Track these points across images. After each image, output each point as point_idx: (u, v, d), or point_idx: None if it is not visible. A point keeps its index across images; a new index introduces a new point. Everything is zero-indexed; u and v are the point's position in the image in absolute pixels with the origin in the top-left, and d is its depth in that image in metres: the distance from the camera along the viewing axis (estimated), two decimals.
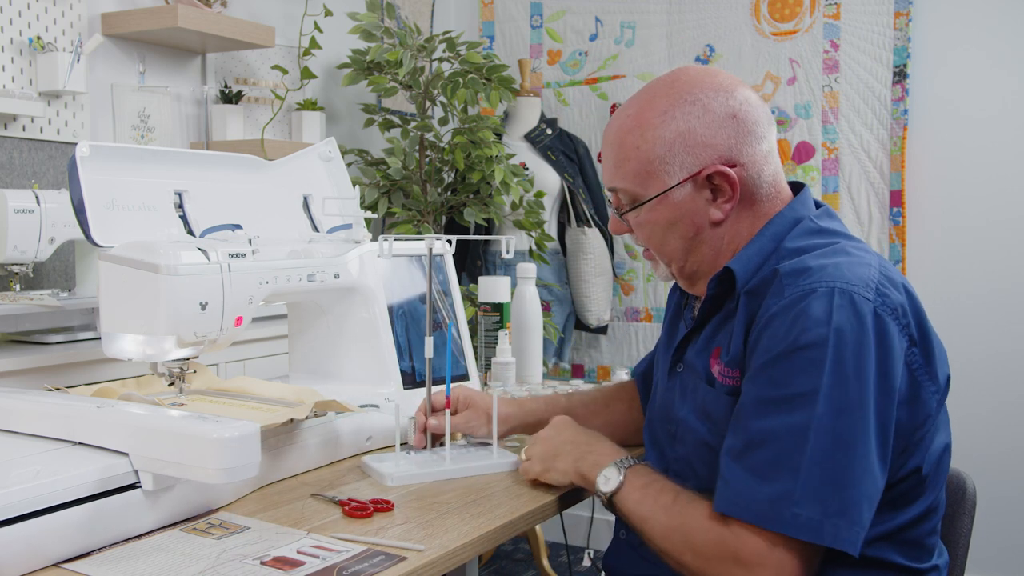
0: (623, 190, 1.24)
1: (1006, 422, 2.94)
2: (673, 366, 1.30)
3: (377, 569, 0.96)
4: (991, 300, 2.95)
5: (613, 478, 1.18)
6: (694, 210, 1.20)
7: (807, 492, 1.02)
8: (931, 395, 1.11)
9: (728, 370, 1.16)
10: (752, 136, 1.20)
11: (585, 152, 3.36)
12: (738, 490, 1.06)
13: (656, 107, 1.20)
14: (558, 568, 3.20)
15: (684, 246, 1.23)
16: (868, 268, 1.11)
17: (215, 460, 0.99)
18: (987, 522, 2.05)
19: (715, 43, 3.31)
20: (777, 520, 1.03)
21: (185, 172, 1.39)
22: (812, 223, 1.21)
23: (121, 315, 1.21)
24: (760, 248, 1.19)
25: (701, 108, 1.19)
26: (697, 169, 1.18)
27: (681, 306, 1.37)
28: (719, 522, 1.07)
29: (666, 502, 1.13)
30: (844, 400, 1.04)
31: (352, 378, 1.55)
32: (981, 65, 2.95)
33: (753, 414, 1.08)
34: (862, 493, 1.03)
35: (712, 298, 1.21)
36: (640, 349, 3.49)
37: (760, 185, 1.21)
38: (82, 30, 2.54)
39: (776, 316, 1.09)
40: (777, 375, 1.07)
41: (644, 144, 1.20)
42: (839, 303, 1.06)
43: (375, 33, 2.91)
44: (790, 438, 1.04)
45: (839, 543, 1.02)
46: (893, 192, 3.05)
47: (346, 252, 1.51)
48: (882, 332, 1.06)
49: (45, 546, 0.96)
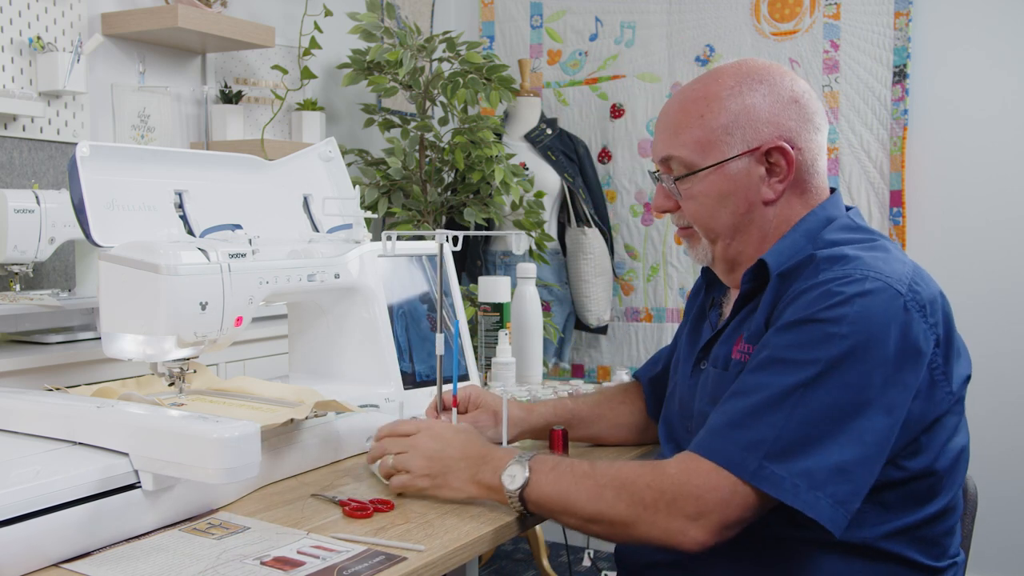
0: (679, 158, 1.23)
1: (1006, 422, 2.94)
2: (697, 363, 1.30)
3: (377, 569, 0.96)
4: (991, 300, 2.95)
5: (519, 473, 1.14)
6: (748, 185, 1.21)
7: (779, 448, 1.03)
8: (944, 395, 1.12)
9: (747, 346, 1.17)
10: (811, 125, 1.22)
11: (585, 152, 3.36)
12: (713, 432, 1.08)
13: (723, 83, 1.22)
14: (558, 568, 3.20)
15: (733, 222, 1.23)
16: (903, 265, 1.14)
17: (215, 460, 0.99)
18: (988, 523, 2.04)
19: (715, 43, 3.31)
20: (741, 465, 1.04)
21: (185, 172, 1.39)
22: (849, 220, 1.23)
23: (121, 315, 1.21)
24: (793, 242, 1.20)
25: (767, 88, 1.21)
26: (757, 144, 1.20)
27: (706, 308, 1.36)
28: (656, 465, 1.09)
29: (585, 470, 1.12)
30: (845, 377, 1.04)
31: (352, 378, 1.54)
32: (981, 65, 2.95)
33: (751, 369, 1.10)
34: (837, 465, 1.03)
35: (745, 294, 1.22)
36: (640, 349, 3.49)
37: (813, 174, 1.23)
38: (82, 30, 2.53)
39: (805, 291, 1.10)
40: (787, 340, 1.08)
41: (709, 113, 1.21)
42: (869, 288, 1.07)
43: (375, 33, 2.91)
44: (780, 395, 1.05)
45: (796, 502, 1.02)
46: (893, 192, 3.05)
47: (346, 252, 1.50)
48: (908, 325, 1.07)
49: (45, 546, 0.96)
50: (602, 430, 1.48)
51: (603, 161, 3.52)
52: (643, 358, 3.48)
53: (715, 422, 1.09)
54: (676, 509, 1.05)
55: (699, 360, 1.29)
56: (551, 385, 1.85)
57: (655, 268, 3.46)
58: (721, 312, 1.33)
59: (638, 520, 1.07)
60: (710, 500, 1.04)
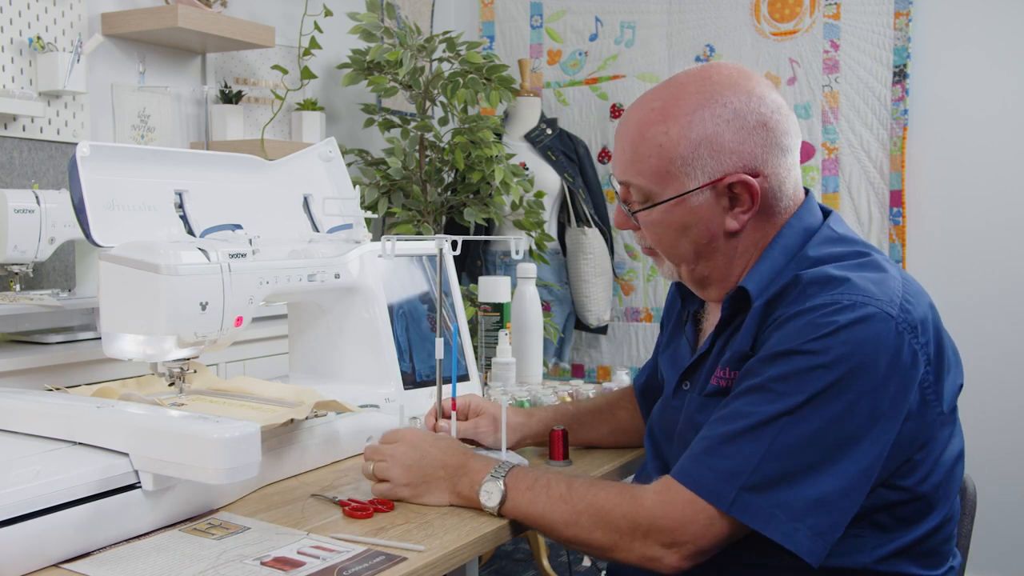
0: (637, 186, 1.17)
1: (1007, 422, 2.94)
2: (679, 385, 1.26)
3: (377, 569, 0.96)
4: (991, 300, 2.95)
5: (495, 491, 1.14)
6: (710, 217, 1.15)
7: (758, 479, 1.02)
8: (935, 415, 1.10)
9: (730, 372, 1.14)
10: (779, 148, 1.15)
11: (585, 152, 3.36)
12: (692, 459, 1.06)
13: (684, 104, 1.14)
14: (558, 568, 3.20)
15: (695, 251, 1.18)
16: (893, 281, 1.09)
17: (215, 460, 0.99)
18: (988, 523, 2.04)
19: (715, 43, 3.31)
20: (718, 495, 1.03)
21: (185, 172, 1.39)
22: (830, 230, 1.18)
23: (121, 315, 1.21)
24: (772, 264, 1.15)
25: (732, 112, 1.13)
26: (719, 175, 1.13)
27: (682, 320, 1.33)
28: (632, 494, 1.08)
29: (561, 492, 1.11)
30: (831, 409, 1.02)
31: (352, 378, 1.54)
32: (981, 65, 2.95)
33: (733, 397, 1.08)
34: (818, 497, 1.02)
35: (725, 320, 1.18)
36: (640, 349, 3.49)
37: (780, 198, 1.17)
38: (82, 30, 2.53)
39: (792, 318, 1.07)
40: (773, 370, 1.05)
41: (667, 142, 1.13)
42: (859, 316, 1.04)
43: (375, 33, 2.91)
44: (761, 424, 1.03)
45: (774, 533, 1.01)
46: (893, 192, 3.05)
47: (346, 252, 1.50)
48: (898, 350, 1.04)
49: (45, 546, 0.96)
50: (603, 435, 1.48)
51: (603, 161, 3.52)
52: (643, 358, 3.48)
53: (695, 448, 1.08)
54: (651, 539, 1.05)
55: (681, 381, 1.26)
56: (551, 385, 1.85)
57: (655, 268, 3.46)
58: (699, 329, 1.30)
59: (614, 547, 1.08)
60: (687, 531, 1.04)
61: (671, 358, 1.32)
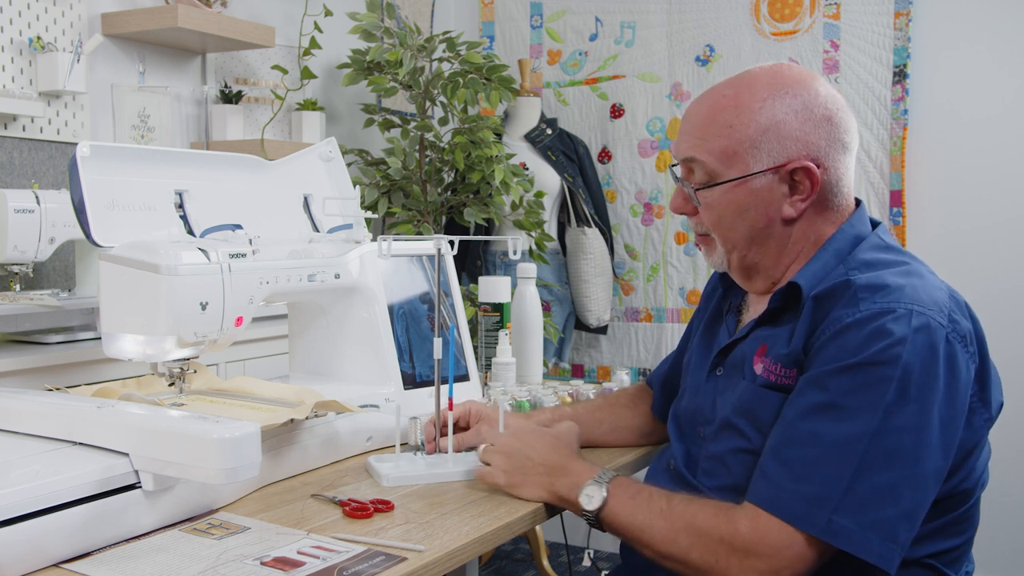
0: (702, 163, 1.21)
1: (1007, 423, 2.92)
2: (712, 369, 1.29)
3: (377, 569, 0.96)
4: (991, 300, 2.94)
5: (596, 495, 1.16)
6: (769, 201, 1.20)
7: (848, 501, 1.03)
8: (983, 422, 1.14)
9: (782, 369, 1.16)
10: (841, 144, 1.20)
11: (585, 152, 3.36)
12: (776, 486, 1.07)
13: (756, 93, 1.20)
14: (558, 568, 3.20)
15: (751, 235, 1.22)
16: (940, 292, 1.12)
17: (215, 460, 0.99)
18: (988, 524, 2.04)
19: (715, 43, 3.31)
20: (810, 521, 1.04)
21: (185, 172, 1.39)
22: (879, 239, 1.22)
23: (121, 315, 1.21)
24: (824, 264, 1.19)
25: (800, 104, 1.19)
26: (784, 161, 1.18)
27: (722, 310, 1.35)
28: (729, 516, 1.08)
29: (661, 507, 1.13)
30: (904, 421, 1.04)
31: (352, 378, 1.54)
32: (981, 65, 2.95)
33: (803, 415, 1.09)
34: (903, 512, 1.04)
35: (773, 311, 1.21)
36: (640, 349, 3.49)
37: (836, 193, 1.22)
38: (82, 30, 2.53)
39: (850, 328, 1.08)
40: (839, 384, 1.07)
41: (738, 124, 1.19)
42: (916, 326, 1.06)
43: (375, 33, 2.91)
44: (838, 446, 1.05)
45: (868, 554, 1.03)
46: (893, 192, 3.05)
47: (346, 252, 1.50)
48: (952, 358, 1.07)
49: (45, 546, 0.96)
50: (602, 434, 1.49)
51: (603, 161, 3.52)
52: (643, 358, 3.48)
53: (775, 473, 1.08)
54: (748, 566, 1.06)
55: (715, 366, 1.29)
56: (551, 385, 1.85)
57: (655, 268, 3.46)
58: (739, 319, 1.32)
59: (711, 570, 1.08)
60: (784, 557, 1.05)
61: (707, 346, 1.33)
